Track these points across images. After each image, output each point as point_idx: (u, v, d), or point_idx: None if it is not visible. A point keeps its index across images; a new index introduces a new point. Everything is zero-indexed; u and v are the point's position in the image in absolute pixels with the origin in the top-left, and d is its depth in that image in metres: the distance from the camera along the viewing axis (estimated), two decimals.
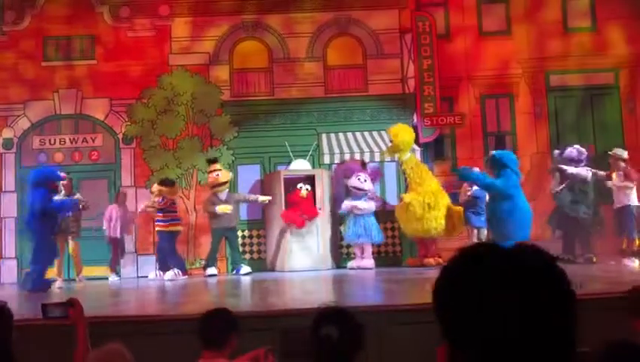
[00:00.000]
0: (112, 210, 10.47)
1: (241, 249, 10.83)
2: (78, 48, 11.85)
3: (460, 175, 9.99)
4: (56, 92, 11.63)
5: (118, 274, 10.57)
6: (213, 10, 11.96)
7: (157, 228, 10.18)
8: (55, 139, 11.61)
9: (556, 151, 10.09)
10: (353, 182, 10.46)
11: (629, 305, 2.99)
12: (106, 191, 11.14)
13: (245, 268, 10.17)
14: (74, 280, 10.05)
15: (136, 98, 11.59)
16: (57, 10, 11.77)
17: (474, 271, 1.07)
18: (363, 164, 10.84)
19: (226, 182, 10.47)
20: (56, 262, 9.19)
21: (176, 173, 11.26)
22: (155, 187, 10.16)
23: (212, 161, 10.67)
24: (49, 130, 11.66)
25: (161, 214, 10.05)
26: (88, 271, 10.30)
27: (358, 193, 10.47)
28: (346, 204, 10.50)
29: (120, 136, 11.66)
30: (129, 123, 11.60)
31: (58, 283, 9.10)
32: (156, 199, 10.10)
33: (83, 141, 11.63)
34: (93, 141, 11.66)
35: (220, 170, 10.55)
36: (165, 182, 10.13)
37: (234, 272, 10.28)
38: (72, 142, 11.60)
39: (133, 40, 11.80)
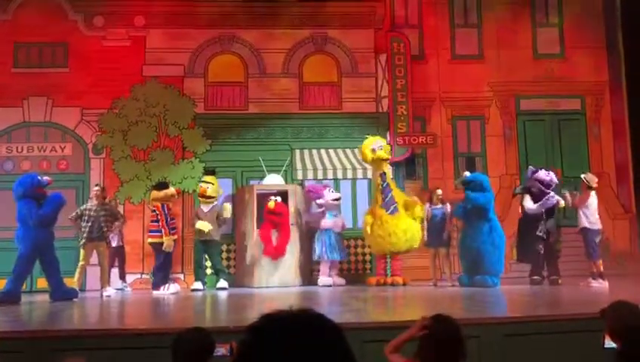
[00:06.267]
0: None
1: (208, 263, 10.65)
2: (50, 56, 11.68)
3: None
4: (26, 99, 11.42)
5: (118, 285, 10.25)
6: (189, 22, 11.93)
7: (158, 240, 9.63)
8: (23, 147, 11.37)
9: (531, 168, 10.11)
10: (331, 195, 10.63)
11: (609, 327, 3.03)
12: (73, 202, 10.87)
13: (222, 283, 10.01)
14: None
15: (108, 108, 11.46)
16: (30, 16, 11.60)
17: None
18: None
19: (213, 197, 10.31)
20: (78, 270, 9.05)
21: (147, 184, 11.12)
22: (158, 194, 9.73)
23: (210, 173, 10.52)
24: (17, 138, 11.41)
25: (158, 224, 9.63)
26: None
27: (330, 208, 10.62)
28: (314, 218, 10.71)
29: (90, 145, 11.48)
30: (100, 133, 11.45)
31: (107, 292, 8.96)
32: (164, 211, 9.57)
33: (52, 150, 11.41)
34: (62, 150, 11.45)
35: (213, 183, 10.35)
36: (161, 185, 9.80)
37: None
38: (40, 151, 11.38)
39: (107, 49, 11.68)
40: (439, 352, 2.67)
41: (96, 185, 9.90)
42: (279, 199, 10.47)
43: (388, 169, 10.56)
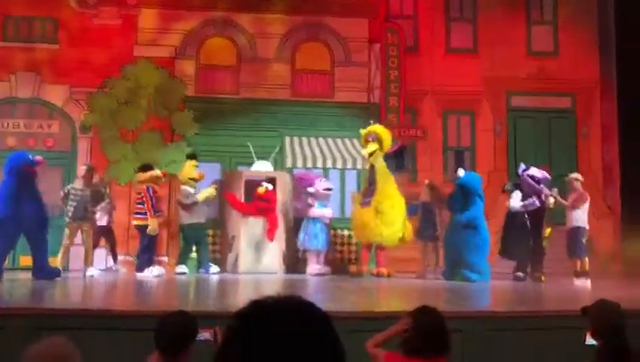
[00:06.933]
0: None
1: (194, 248, 10.59)
2: (40, 31, 11.51)
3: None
4: (14, 74, 11.26)
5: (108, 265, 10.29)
6: (182, 3, 11.80)
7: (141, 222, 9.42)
8: (8, 123, 11.23)
9: (522, 165, 10.11)
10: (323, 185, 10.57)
11: (592, 325, 3.04)
12: (60, 180, 10.77)
13: (214, 268, 9.99)
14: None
15: (97, 87, 11.32)
16: None
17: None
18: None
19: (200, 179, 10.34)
20: (62, 250, 8.96)
21: (134, 165, 11.01)
22: (143, 176, 9.52)
23: (193, 157, 10.38)
24: (2, 113, 11.26)
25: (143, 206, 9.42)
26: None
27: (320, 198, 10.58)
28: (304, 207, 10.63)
29: (77, 124, 11.36)
30: (88, 111, 11.32)
31: (90, 272, 8.88)
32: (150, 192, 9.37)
33: (38, 127, 11.29)
34: (49, 128, 11.33)
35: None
36: (146, 167, 9.63)
37: (202, 271, 10.09)
38: (26, 127, 11.24)
39: (98, 27, 11.54)
40: (424, 344, 2.67)
41: (84, 165, 9.78)
42: (271, 187, 10.41)
43: (379, 163, 10.21)
